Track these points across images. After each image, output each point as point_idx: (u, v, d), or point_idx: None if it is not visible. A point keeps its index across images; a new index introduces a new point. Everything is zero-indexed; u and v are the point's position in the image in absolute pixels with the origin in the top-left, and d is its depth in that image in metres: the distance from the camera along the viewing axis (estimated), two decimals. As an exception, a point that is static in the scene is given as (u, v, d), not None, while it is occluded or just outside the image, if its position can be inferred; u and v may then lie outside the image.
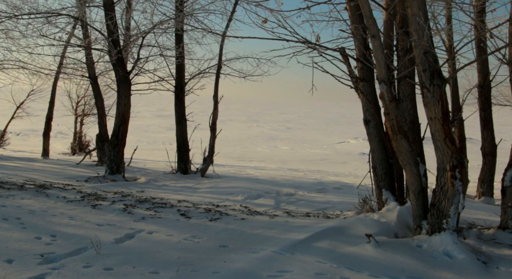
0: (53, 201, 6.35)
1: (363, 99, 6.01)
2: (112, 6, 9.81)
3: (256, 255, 4.27)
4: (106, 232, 4.83)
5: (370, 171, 6.17)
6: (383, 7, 5.87)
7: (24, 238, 4.44)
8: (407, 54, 5.33)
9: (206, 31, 11.59)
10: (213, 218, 5.89)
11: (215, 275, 3.70)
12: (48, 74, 13.75)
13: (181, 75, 11.88)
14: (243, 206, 6.99)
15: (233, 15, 11.45)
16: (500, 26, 5.42)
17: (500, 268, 4.41)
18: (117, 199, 6.90)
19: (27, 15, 9.80)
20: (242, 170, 13.46)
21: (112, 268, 3.74)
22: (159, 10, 12.42)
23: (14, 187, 7.31)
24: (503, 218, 5.51)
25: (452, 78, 9.82)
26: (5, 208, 5.68)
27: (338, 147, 25.78)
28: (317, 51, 5.45)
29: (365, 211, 6.13)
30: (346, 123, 45.16)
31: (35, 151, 16.20)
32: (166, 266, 3.85)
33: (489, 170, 9.95)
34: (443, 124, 4.62)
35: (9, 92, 15.48)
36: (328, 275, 3.86)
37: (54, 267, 3.71)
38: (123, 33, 10.39)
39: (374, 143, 6.06)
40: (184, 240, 4.71)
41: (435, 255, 4.49)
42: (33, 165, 11.49)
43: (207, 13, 11.63)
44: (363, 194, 6.43)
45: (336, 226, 5.38)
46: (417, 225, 4.98)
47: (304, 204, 7.82)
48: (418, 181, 4.98)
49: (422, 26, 4.47)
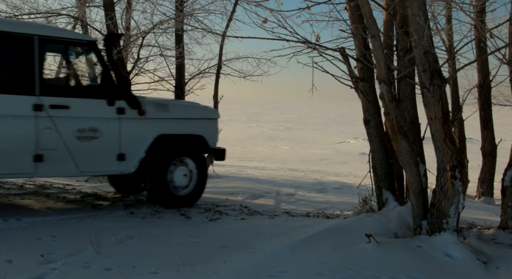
0: (53, 201, 6.36)
1: (363, 99, 6.01)
2: (112, 6, 9.81)
3: (256, 255, 4.28)
4: (106, 232, 4.83)
5: (370, 171, 6.17)
6: (383, 7, 5.87)
7: (24, 238, 4.44)
8: (407, 54, 5.33)
9: (206, 31, 11.59)
10: (213, 218, 5.89)
11: (215, 275, 3.71)
12: (48, 74, 13.75)
13: (181, 75, 11.86)
14: (243, 206, 6.99)
15: (233, 15, 11.44)
16: (500, 26, 5.43)
17: (500, 268, 4.41)
18: (117, 199, 6.90)
19: (27, 15, 9.80)
20: (242, 169, 13.46)
21: (112, 268, 3.74)
22: (159, 10, 12.38)
23: (14, 187, 7.31)
24: (503, 218, 5.50)
25: (452, 78, 9.83)
26: (5, 208, 5.69)
27: (338, 147, 25.77)
28: (317, 51, 5.45)
29: (365, 211, 6.13)
30: (346, 123, 45.16)
31: (35, 151, 16.20)
32: (166, 266, 3.85)
33: (489, 170, 9.95)
34: (443, 124, 4.62)
35: (9, 92, 15.47)
36: (328, 275, 3.86)
37: (54, 267, 3.71)
38: (123, 33, 10.39)
39: (374, 143, 6.06)
40: (184, 240, 4.72)
41: (435, 255, 4.49)
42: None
43: (207, 13, 11.63)
44: (363, 194, 6.43)
45: (336, 226, 5.38)
46: (417, 225, 4.98)
47: (304, 204, 7.82)
48: (418, 181, 4.98)
49: (422, 26, 4.47)
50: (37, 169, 5.47)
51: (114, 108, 5.86)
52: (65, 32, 6.30)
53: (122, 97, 5.91)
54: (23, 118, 5.31)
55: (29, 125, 5.34)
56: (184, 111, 6.66)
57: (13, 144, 5.30)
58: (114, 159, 5.94)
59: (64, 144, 5.56)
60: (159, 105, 6.31)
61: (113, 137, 5.89)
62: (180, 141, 6.46)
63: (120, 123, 5.92)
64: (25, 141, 5.34)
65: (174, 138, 6.36)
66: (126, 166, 6.04)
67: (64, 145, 5.56)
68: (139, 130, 6.08)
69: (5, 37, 5.27)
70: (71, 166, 5.66)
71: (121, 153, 5.97)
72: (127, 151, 6.00)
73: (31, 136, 5.35)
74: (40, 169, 5.50)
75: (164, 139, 6.23)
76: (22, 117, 5.31)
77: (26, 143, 5.35)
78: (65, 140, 5.56)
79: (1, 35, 5.24)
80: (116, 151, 5.93)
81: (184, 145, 6.50)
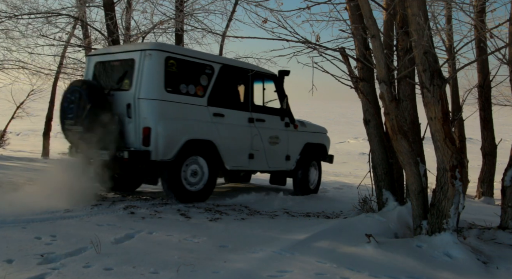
0: (53, 201, 6.34)
1: (363, 99, 6.01)
2: (112, 6, 9.81)
3: (256, 255, 4.27)
4: (106, 232, 4.83)
5: (370, 171, 6.17)
6: (383, 7, 5.87)
7: (24, 238, 4.43)
8: (407, 54, 5.33)
9: (206, 31, 11.61)
10: (213, 218, 5.89)
11: (215, 275, 3.70)
12: (48, 74, 13.76)
13: (181, 75, 11.86)
14: (243, 206, 6.99)
15: (233, 15, 11.47)
16: (500, 26, 5.42)
17: (500, 268, 4.41)
18: (117, 199, 6.90)
19: (27, 15, 9.82)
20: (242, 170, 13.42)
21: (112, 268, 3.73)
22: (159, 10, 12.42)
23: (14, 187, 7.30)
24: (503, 218, 5.51)
25: (452, 78, 9.84)
26: (4, 208, 5.68)
27: (338, 147, 25.75)
28: (317, 51, 5.44)
29: (365, 211, 6.13)
30: (346, 123, 45.14)
31: (35, 151, 16.20)
32: (166, 266, 3.85)
33: (489, 170, 9.96)
34: (443, 124, 4.61)
35: (9, 92, 15.47)
36: (328, 275, 3.86)
37: (54, 267, 3.71)
38: (123, 33, 10.40)
39: (374, 143, 6.06)
40: (184, 240, 4.72)
41: (435, 255, 4.49)
42: (33, 165, 11.49)
43: (207, 13, 11.67)
44: (363, 194, 6.43)
45: (336, 226, 5.38)
46: (417, 225, 4.98)
47: (304, 204, 7.81)
48: (418, 181, 4.98)
49: (422, 26, 4.46)
50: (249, 164, 7.76)
51: (283, 123, 8.33)
52: (261, 68, 8.44)
53: (286, 115, 8.36)
54: (244, 127, 7.64)
55: (247, 132, 7.67)
56: (314, 127, 9.10)
57: (240, 144, 7.55)
58: (284, 159, 8.35)
59: (264, 146, 7.91)
60: (301, 122, 8.74)
61: (285, 143, 8.30)
62: (314, 148, 8.91)
63: (288, 134, 8.36)
64: (245, 143, 7.63)
65: (312, 146, 8.84)
66: (290, 164, 8.47)
67: (263, 147, 7.91)
68: (297, 139, 8.54)
69: (239, 73, 7.77)
70: (265, 163, 8.01)
71: (287, 155, 8.40)
72: (291, 153, 8.44)
73: (248, 140, 7.67)
74: (251, 164, 7.79)
75: (308, 146, 8.72)
76: (243, 126, 7.63)
77: (246, 144, 7.64)
78: (264, 143, 7.90)
79: (240, 72, 7.75)
80: (285, 153, 8.37)
81: (315, 151, 8.97)
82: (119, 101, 6.70)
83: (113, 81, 7.01)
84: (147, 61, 6.58)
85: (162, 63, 6.66)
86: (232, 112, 7.44)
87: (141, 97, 6.55)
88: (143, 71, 6.58)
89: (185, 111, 6.86)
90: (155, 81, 6.60)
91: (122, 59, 6.99)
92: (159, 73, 6.63)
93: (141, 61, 6.62)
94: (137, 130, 6.58)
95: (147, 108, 6.54)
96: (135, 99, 6.57)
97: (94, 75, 7.27)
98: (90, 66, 7.34)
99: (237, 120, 7.49)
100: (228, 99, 7.56)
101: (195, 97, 7.02)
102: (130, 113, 6.61)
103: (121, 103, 6.68)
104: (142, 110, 6.54)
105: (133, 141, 6.63)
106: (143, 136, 6.50)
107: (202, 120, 7.02)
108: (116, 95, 6.76)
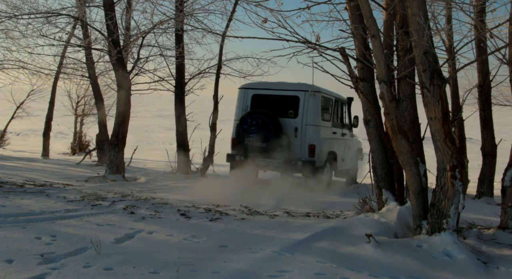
0: (53, 201, 6.35)
1: (363, 99, 6.00)
2: (112, 6, 9.80)
3: (256, 255, 4.27)
4: (106, 232, 4.83)
5: (370, 171, 6.17)
6: (383, 7, 5.86)
7: (24, 238, 4.43)
8: (407, 54, 5.33)
9: (206, 31, 11.60)
10: (213, 218, 5.89)
11: (215, 275, 3.70)
12: (48, 74, 13.76)
13: (181, 75, 11.87)
14: (243, 206, 6.98)
15: (233, 15, 11.45)
16: (500, 26, 5.42)
17: (500, 268, 4.41)
18: (117, 199, 6.90)
19: (27, 15, 9.80)
20: (242, 169, 13.41)
21: (112, 268, 3.73)
22: (159, 10, 12.39)
23: (14, 187, 7.31)
24: (503, 218, 5.50)
25: (452, 78, 9.83)
26: (5, 208, 5.68)
27: (338, 147, 25.68)
28: (317, 51, 5.44)
29: (365, 211, 6.13)
30: (346, 123, 45.12)
31: (35, 151, 16.19)
32: (166, 266, 3.85)
33: (489, 170, 9.94)
34: (443, 124, 4.61)
35: (9, 92, 15.47)
36: (328, 275, 3.86)
37: (54, 267, 3.71)
38: (123, 33, 10.38)
39: (374, 143, 6.06)
40: (184, 240, 4.71)
41: (435, 255, 4.49)
42: (33, 165, 11.50)
43: (207, 13, 11.64)
44: (363, 194, 6.43)
45: (336, 226, 5.38)
46: (417, 225, 4.98)
47: (304, 204, 7.81)
48: (418, 181, 4.98)
49: (422, 26, 4.46)
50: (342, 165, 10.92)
51: (351, 134, 11.71)
52: (339, 95, 10.97)
53: (349, 130, 11.49)
54: (341, 140, 10.82)
55: (343, 143, 10.85)
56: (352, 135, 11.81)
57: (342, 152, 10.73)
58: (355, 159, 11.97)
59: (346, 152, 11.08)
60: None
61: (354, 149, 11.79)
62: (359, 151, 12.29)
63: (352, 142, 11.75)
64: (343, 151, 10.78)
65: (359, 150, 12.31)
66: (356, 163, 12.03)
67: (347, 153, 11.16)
68: (354, 146, 11.76)
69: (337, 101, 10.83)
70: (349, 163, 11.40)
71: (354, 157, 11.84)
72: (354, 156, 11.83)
73: (344, 149, 10.88)
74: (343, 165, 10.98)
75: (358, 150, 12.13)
76: (341, 139, 10.84)
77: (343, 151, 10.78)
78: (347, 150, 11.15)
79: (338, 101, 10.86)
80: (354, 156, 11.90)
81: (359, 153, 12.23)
82: (286, 126, 9.50)
83: (274, 110, 9.63)
84: (311, 99, 9.59)
85: (319, 100, 9.73)
86: (337, 130, 10.68)
87: (308, 123, 9.55)
88: (309, 106, 9.60)
89: (326, 132, 10.00)
90: (317, 113, 9.68)
91: (286, 95, 9.81)
92: (318, 107, 9.70)
93: (305, 98, 9.61)
94: (302, 146, 9.46)
95: (312, 132, 9.56)
96: (303, 125, 9.53)
97: (252, 104, 9.88)
98: (247, 97, 9.97)
99: (339, 135, 10.76)
100: (336, 121, 10.70)
101: (327, 122, 10.15)
102: (297, 134, 9.50)
103: (289, 127, 9.51)
104: (309, 133, 9.52)
105: (298, 153, 9.46)
106: (309, 150, 9.42)
107: (330, 138, 10.21)
108: (281, 121, 9.49)
